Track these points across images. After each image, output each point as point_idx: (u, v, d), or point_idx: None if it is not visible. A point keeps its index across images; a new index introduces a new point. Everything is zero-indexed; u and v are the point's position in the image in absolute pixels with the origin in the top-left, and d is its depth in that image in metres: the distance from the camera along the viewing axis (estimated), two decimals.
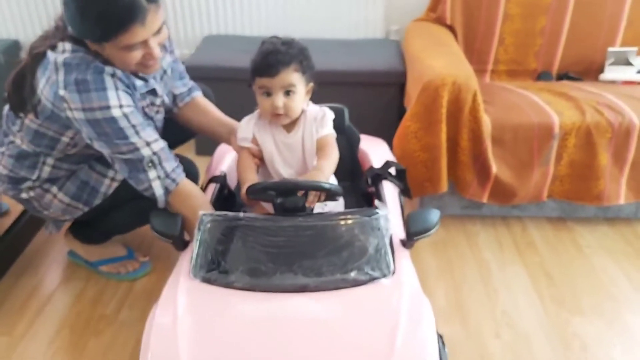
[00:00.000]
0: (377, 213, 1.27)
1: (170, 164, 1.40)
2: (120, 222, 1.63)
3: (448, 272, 1.76)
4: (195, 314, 1.14)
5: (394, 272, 1.21)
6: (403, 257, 1.26)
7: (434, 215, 1.31)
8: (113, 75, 1.32)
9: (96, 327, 1.54)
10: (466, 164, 1.86)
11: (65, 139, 1.43)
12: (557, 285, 1.70)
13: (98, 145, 1.35)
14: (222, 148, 1.74)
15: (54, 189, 1.53)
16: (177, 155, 1.46)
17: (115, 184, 1.53)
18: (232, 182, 1.63)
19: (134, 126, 1.34)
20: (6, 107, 1.48)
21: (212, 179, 1.57)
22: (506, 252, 1.85)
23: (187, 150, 2.20)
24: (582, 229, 1.96)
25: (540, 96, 1.96)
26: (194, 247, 1.25)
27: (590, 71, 2.23)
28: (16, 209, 1.84)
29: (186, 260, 1.26)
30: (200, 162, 1.76)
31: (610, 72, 2.16)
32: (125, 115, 1.32)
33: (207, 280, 1.20)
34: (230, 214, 1.28)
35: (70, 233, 1.72)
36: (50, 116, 1.37)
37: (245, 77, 1.37)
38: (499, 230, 1.96)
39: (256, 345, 1.08)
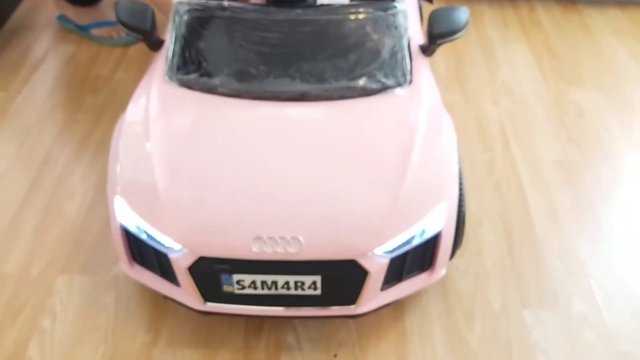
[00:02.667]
0: (395, 7, 1.07)
1: None
2: None
3: (450, 45, 1.70)
4: (171, 122, 0.98)
5: (411, 81, 1.02)
6: (422, 65, 1.07)
7: (463, 13, 1.08)
8: None
9: (92, 86, 1.53)
10: None
11: None
12: (559, 60, 1.67)
13: None
14: None
15: None
16: None
17: None
18: None
19: None
20: None
21: None
22: (511, 30, 1.79)
23: None
24: (592, 11, 1.88)
25: None
26: (168, 44, 1.05)
27: None
28: None
29: (161, 60, 1.06)
30: None
31: None
32: None
33: (185, 84, 1.01)
34: (212, 2, 1.07)
35: None
36: None
37: None
38: (506, 10, 1.88)
39: (243, 158, 0.93)
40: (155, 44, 1.09)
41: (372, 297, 0.92)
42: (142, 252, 0.94)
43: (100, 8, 1.66)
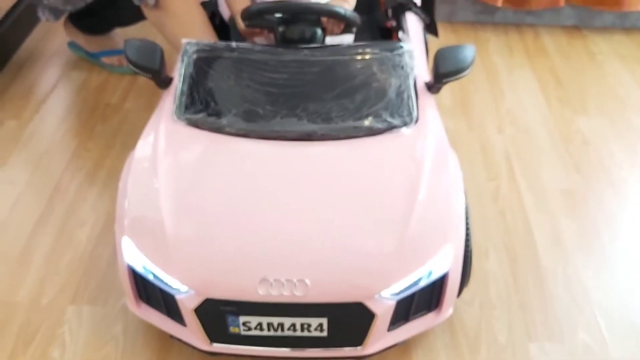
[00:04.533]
0: (402, 47, 1.07)
1: None
2: (123, 9, 1.54)
3: None
4: (179, 160, 0.98)
5: (417, 121, 1.01)
6: (428, 103, 1.06)
7: (469, 51, 1.06)
8: None
9: (102, 113, 1.56)
10: None
11: None
12: (564, 87, 1.69)
13: None
14: None
15: None
16: None
17: None
18: (225, 12, 1.37)
19: None
20: None
21: (200, 4, 1.33)
22: (516, 57, 1.81)
23: None
24: (597, 37, 1.90)
25: None
26: (177, 84, 1.05)
27: None
28: None
29: (169, 99, 1.06)
30: None
31: None
32: None
33: (193, 124, 1.01)
34: (220, 43, 1.09)
35: (71, 22, 1.67)
36: None
37: None
38: (511, 37, 1.90)
39: (251, 207, 0.92)
40: (164, 82, 1.09)
41: (379, 338, 0.93)
42: (148, 291, 0.95)
43: (111, 36, 1.69)
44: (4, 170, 1.39)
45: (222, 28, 1.34)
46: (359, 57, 1.07)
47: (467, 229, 0.95)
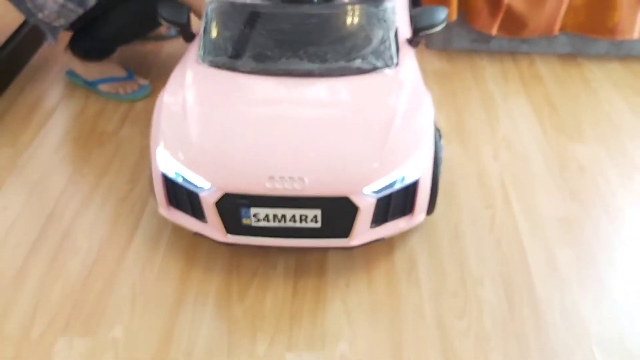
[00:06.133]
0: (384, 4, 1.31)
1: None
2: (119, 24, 1.59)
3: (451, 99, 1.74)
4: (203, 94, 1.21)
5: (397, 64, 1.26)
6: (408, 53, 1.31)
7: (442, 12, 1.33)
8: None
9: (99, 140, 1.56)
10: None
11: None
12: (559, 114, 1.69)
13: None
14: None
15: None
16: None
17: None
18: None
19: None
20: None
21: None
22: (511, 84, 1.82)
23: None
24: (592, 64, 1.91)
25: None
26: (201, 34, 1.30)
27: None
28: (14, 24, 1.83)
29: (194, 48, 1.32)
30: None
31: None
32: None
33: (214, 65, 1.26)
34: (236, 1, 1.32)
35: (70, 50, 1.69)
36: None
37: None
38: (506, 64, 1.91)
39: (262, 123, 1.15)
40: (190, 36, 1.37)
41: (363, 232, 1.13)
42: (177, 195, 1.16)
43: (108, 64, 1.71)
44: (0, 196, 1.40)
45: None
46: (349, 12, 1.31)
47: (437, 152, 1.19)
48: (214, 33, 1.29)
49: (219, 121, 1.15)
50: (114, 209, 1.36)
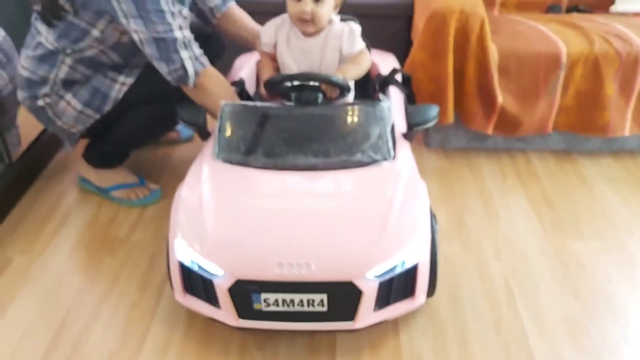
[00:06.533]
0: (380, 104, 1.42)
1: (199, 50, 1.51)
2: (132, 129, 1.67)
3: (450, 198, 1.80)
4: (218, 188, 1.31)
5: (394, 157, 1.36)
6: (404, 146, 1.43)
7: (433, 109, 1.46)
8: None
9: (111, 247, 1.60)
10: (472, 94, 1.87)
11: (95, 33, 1.50)
12: (557, 210, 1.74)
13: (134, 24, 1.42)
14: (242, 59, 1.87)
15: (68, 96, 1.59)
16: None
17: (125, 89, 1.60)
18: (250, 90, 1.73)
19: (172, 12, 1.44)
20: (33, 15, 1.57)
21: (231, 84, 1.65)
22: (509, 181, 1.88)
23: None
24: (586, 161, 1.98)
25: (548, 26, 1.95)
26: (216, 133, 1.42)
27: (600, 4, 2.19)
28: (33, 132, 1.93)
29: (209, 146, 1.44)
30: None
31: (621, 4, 2.14)
32: (166, 1, 1.43)
33: (228, 161, 1.37)
34: (249, 103, 1.47)
35: (84, 159, 1.77)
36: (85, 1, 1.44)
37: (251, 7, 1.62)
38: (503, 162, 1.98)
39: (271, 214, 1.25)
40: (206, 135, 1.49)
41: (367, 315, 1.20)
42: (193, 282, 1.24)
43: (120, 171, 1.78)
44: (12, 307, 1.41)
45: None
46: (349, 112, 1.42)
47: (433, 237, 1.26)
48: (228, 132, 1.41)
49: (232, 213, 1.25)
50: (124, 317, 1.38)
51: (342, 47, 1.50)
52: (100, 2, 1.43)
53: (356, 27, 1.52)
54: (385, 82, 1.71)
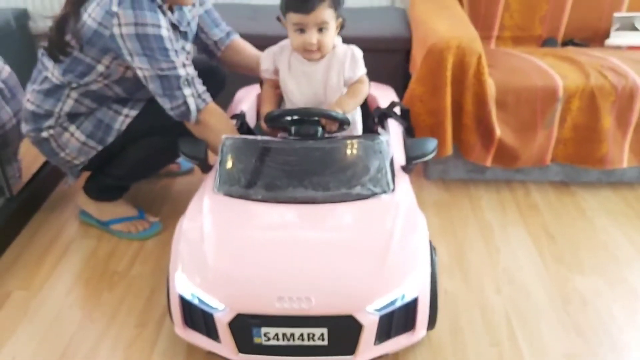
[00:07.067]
0: (379, 138, 1.43)
1: (201, 86, 1.54)
2: (133, 161, 1.68)
3: (450, 231, 1.80)
4: (218, 221, 1.31)
5: (393, 190, 1.36)
6: (403, 179, 1.44)
7: (431, 142, 1.47)
8: (161, 7, 1.48)
9: (110, 281, 1.60)
10: (470, 127, 1.89)
11: (100, 68, 1.52)
12: (557, 243, 1.74)
13: (138, 61, 1.45)
14: (243, 91, 1.89)
15: (72, 128, 1.61)
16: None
17: (128, 120, 1.62)
18: (251, 122, 1.76)
19: (175, 50, 1.48)
20: (40, 51, 1.60)
21: (232, 117, 1.68)
22: (509, 214, 1.88)
23: None
24: (585, 193, 1.99)
25: (544, 60, 1.98)
26: (217, 166, 1.43)
27: (595, 37, 2.23)
28: (34, 165, 1.94)
29: (210, 179, 1.44)
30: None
31: (616, 38, 2.17)
32: (170, 39, 1.47)
33: (229, 194, 1.37)
34: (249, 137, 1.48)
35: (84, 192, 1.77)
36: (90, 38, 1.47)
37: (252, 42, 1.61)
38: (502, 193, 1.99)
39: (271, 247, 1.25)
40: (207, 168, 1.50)
41: (368, 349, 1.19)
42: (193, 316, 1.24)
43: (120, 204, 1.79)
44: (10, 342, 1.40)
45: (248, 134, 1.68)
46: (348, 145, 1.43)
47: (433, 270, 1.26)
48: (228, 165, 1.42)
49: (232, 246, 1.25)
50: (123, 352, 1.37)
51: (344, 72, 1.51)
52: (105, 39, 1.45)
53: (358, 52, 1.53)
54: (384, 115, 1.73)
